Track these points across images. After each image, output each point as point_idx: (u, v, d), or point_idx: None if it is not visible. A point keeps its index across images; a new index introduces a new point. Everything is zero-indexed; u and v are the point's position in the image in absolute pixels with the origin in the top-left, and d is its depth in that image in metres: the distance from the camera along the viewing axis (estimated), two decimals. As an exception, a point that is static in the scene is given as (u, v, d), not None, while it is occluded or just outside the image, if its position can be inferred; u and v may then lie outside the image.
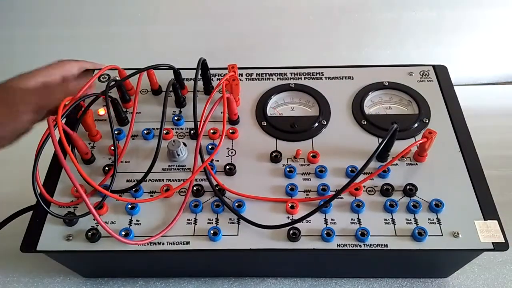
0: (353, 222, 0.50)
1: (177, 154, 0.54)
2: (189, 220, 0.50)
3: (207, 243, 0.49)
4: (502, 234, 0.48)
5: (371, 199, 0.52)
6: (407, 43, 0.88)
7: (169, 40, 0.88)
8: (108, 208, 0.51)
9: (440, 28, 0.85)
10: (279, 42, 0.88)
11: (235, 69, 0.58)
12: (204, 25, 0.86)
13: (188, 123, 0.59)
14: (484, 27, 0.86)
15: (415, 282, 0.59)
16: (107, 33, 0.87)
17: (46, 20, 0.86)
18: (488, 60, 0.89)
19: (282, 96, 0.62)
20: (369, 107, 0.61)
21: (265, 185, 0.53)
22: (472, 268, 0.60)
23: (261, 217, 0.49)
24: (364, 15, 0.85)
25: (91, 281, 0.60)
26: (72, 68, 0.58)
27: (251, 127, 0.59)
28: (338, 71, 0.65)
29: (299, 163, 0.55)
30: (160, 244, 0.49)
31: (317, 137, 0.57)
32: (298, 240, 0.49)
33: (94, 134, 0.57)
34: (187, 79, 0.63)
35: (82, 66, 0.59)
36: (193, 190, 0.52)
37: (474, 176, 0.53)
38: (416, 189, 0.52)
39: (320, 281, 0.59)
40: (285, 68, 0.65)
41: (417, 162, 0.55)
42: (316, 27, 0.86)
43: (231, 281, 0.59)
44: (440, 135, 0.52)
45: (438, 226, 0.49)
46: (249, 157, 0.56)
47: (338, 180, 0.53)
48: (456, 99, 0.61)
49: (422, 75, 0.64)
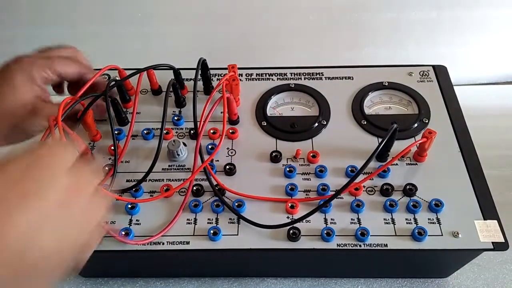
0: (353, 222, 0.50)
1: (177, 154, 0.54)
2: (189, 220, 0.50)
3: (207, 243, 0.49)
4: (502, 234, 0.48)
5: (371, 199, 0.52)
6: (407, 43, 0.88)
7: (169, 40, 0.88)
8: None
9: (440, 28, 0.85)
10: (279, 42, 0.88)
11: (235, 69, 0.58)
12: (204, 25, 0.86)
13: (188, 123, 0.59)
14: (484, 27, 0.86)
15: (415, 282, 0.59)
16: (107, 33, 0.87)
17: (46, 20, 0.86)
18: (488, 60, 0.89)
19: (282, 96, 0.62)
20: (369, 107, 0.61)
21: (265, 185, 0.53)
22: (472, 268, 0.60)
23: (261, 217, 0.49)
24: (364, 15, 0.85)
25: (91, 281, 0.60)
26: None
27: (251, 127, 0.59)
28: (338, 71, 0.65)
29: (299, 163, 0.55)
30: (160, 244, 0.49)
31: (317, 137, 0.57)
32: (298, 240, 0.49)
33: (94, 134, 0.57)
34: (187, 79, 0.63)
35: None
36: (193, 190, 0.52)
37: (474, 176, 0.53)
38: (416, 189, 0.52)
39: (320, 281, 0.59)
40: (285, 68, 0.65)
41: (417, 162, 0.55)
42: (316, 27, 0.86)
43: (231, 281, 0.59)
44: (440, 135, 0.52)
45: (438, 226, 0.49)
46: (249, 157, 0.56)
47: (338, 180, 0.53)
48: (456, 99, 0.61)
49: (422, 75, 0.64)
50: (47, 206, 0.30)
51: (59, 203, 0.31)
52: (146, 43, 0.88)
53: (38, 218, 0.30)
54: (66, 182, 0.32)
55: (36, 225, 0.30)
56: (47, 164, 0.32)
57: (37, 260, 0.30)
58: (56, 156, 0.33)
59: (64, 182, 0.32)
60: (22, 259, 0.29)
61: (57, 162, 0.32)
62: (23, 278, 0.30)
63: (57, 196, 0.31)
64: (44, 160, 0.32)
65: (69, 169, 0.33)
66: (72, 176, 0.32)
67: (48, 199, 0.31)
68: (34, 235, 0.30)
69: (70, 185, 0.32)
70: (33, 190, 0.30)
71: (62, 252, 0.32)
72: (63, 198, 0.31)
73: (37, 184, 0.30)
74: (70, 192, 0.32)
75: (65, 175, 0.32)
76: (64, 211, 0.31)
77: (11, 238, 0.29)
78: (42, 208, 0.30)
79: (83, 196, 0.33)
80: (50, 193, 0.31)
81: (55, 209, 0.31)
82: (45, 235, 0.30)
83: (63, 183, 0.32)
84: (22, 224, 0.29)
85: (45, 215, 0.30)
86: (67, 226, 0.32)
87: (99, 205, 0.36)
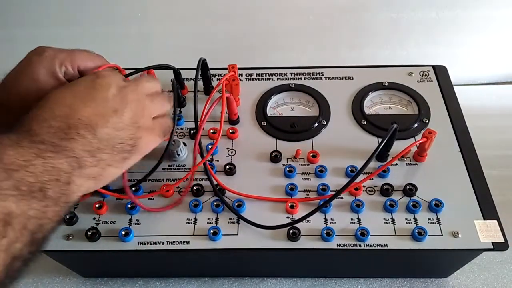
0: (353, 222, 0.50)
1: (177, 154, 0.54)
2: (189, 220, 0.50)
3: (207, 243, 0.49)
4: (501, 234, 0.48)
5: (371, 199, 0.52)
6: (407, 43, 0.88)
7: (169, 40, 0.88)
8: (107, 208, 0.51)
9: (440, 28, 0.85)
10: (279, 42, 0.88)
11: (235, 69, 0.58)
12: (204, 25, 0.86)
13: (188, 123, 0.59)
14: (484, 27, 0.86)
15: (415, 282, 0.59)
16: (107, 33, 0.87)
17: (46, 20, 0.86)
18: (488, 60, 0.89)
19: (282, 96, 0.62)
20: (369, 107, 0.61)
21: (265, 185, 0.53)
22: (472, 268, 0.60)
23: (261, 217, 0.49)
24: (364, 15, 0.85)
25: (91, 281, 0.60)
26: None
27: (251, 127, 0.59)
28: (338, 71, 0.65)
29: (299, 163, 0.55)
30: (160, 244, 0.49)
31: (317, 137, 0.57)
32: (298, 240, 0.49)
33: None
34: (187, 79, 0.63)
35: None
36: (193, 189, 0.52)
37: (473, 175, 0.53)
38: (416, 189, 0.52)
39: (320, 281, 0.59)
40: (285, 68, 0.65)
41: (417, 162, 0.55)
42: (316, 27, 0.86)
43: (231, 281, 0.59)
44: (440, 135, 0.52)
45: (438, 226, 0.49)
46: (249, 157, 0.56)
47: (338, 180, 0.53)
48: (455, 99, 0.61)
49: (422, 75, 0.64)
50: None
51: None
52: (146, 43, 0.88)
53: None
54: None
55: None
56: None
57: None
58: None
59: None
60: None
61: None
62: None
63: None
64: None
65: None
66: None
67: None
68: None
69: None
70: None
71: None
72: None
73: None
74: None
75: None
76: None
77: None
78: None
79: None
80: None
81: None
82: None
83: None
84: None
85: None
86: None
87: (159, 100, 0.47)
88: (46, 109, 0.39)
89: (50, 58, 0.48)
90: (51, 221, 0.35)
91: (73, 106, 0.39)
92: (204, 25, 0.86)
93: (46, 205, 0.35)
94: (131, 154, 0.43)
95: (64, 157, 0.37)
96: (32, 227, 0.34)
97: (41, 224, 0.34)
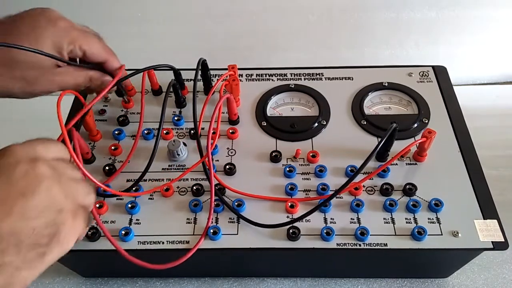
0: (353, 221, 0.50)
1: (177, 154, 0.54)
2: (189, 220, 0.50)
3: (207, 242, 0.49)
4: (501, 233, 0.48)
5: (370, 198, 0.52)
6: (406, 43, 0.88)
7: (169, 40, 0.88)
8: (107, 207, 0.51)
9: (440, 28, 0.85)
10: (279, 42, 0.88)
11: (235, 69, 0.58)
12: (204, 25, 0.86)
13: (188, 123, 0.59)
14: (484, 27, 0.86)
15: (415, 282, 0.59)
16: (107, 33, 0.87)
17: (46, 20, 0.86)
18: (488, 60, 0.89)
19: (282, 97, 0.63)
20: (369, 107, 0.61)
21: (264, 185, 0.53)
22: (472, 268, 0.60)
23: (260, 217, 0.49)
24: (364, 15, 0.85)
25: (91, 281, 0.60)
26: None
27: (251, 127, 0.59)
28: (338, 72, 0.65)
29: (298, 162, 0.55)
30: (160, 243, 0.49)
31: (317, 137, 0.58)
32: (297, 239, 0.49)
33: (94, 134, 0.57)
34: (187, 80, 0.63)
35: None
36: (193, 189, 0.52)
37: (473, 175, 0.53)
38: (415, 188, 0.52)
39: (320, 281, 0.59)
40: (285, 68, 0.65)
41: (416, 162, 0.55)
42: (316, 27, 0.86)
43: (231, 281, 0.59)
44: (440, 135, 0.53)
45: (438, 225, 0.49)
46: (249, 157, 0.56)
47: (337, 180, 0.53)
48: (455, 99, 0.61)
49: (421, 75, 0.64)
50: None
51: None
52: (146, 43, 0.88)
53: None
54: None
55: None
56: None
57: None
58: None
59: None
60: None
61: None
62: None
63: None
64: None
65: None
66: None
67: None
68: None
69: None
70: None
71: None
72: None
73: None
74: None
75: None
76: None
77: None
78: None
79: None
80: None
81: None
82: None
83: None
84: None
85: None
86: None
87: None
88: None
89: (63, 32, 0.45)
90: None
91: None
92: (204, 25, 0.86)
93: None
94: (51, 247, 0.33)
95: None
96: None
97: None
